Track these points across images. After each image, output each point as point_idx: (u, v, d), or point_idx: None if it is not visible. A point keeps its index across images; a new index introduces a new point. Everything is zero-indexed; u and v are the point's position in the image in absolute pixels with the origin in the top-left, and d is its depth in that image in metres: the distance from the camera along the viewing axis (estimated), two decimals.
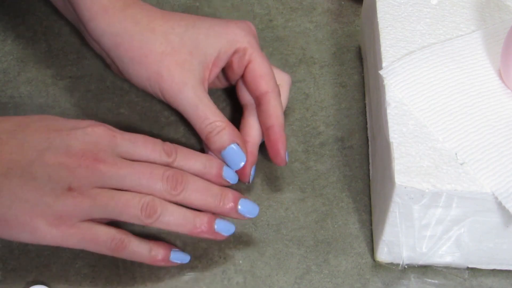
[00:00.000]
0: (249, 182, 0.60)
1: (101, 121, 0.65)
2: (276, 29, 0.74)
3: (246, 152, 0.59)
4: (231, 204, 0.56)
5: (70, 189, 0.52)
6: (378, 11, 0.63)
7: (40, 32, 0.72)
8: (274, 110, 0.60)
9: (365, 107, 0.68)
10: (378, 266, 0.59)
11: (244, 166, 0.59)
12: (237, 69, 0.61)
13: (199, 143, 0.65)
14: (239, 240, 0.60)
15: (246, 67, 0.61)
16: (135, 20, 0.61)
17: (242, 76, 0.62)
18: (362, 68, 0.71)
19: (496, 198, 0.52)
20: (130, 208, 0.53)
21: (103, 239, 0.53)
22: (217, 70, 0.62)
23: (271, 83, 0.60)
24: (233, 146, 0.58)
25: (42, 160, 0.51)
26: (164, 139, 0.65)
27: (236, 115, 0.66)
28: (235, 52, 0.61)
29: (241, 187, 0.62)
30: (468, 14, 0.63)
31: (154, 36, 0.60)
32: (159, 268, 0.58)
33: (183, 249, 0.58)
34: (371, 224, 0.61)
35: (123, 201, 0.52)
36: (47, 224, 0.51)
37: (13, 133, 0.53)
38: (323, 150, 0.65)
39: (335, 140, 0.66)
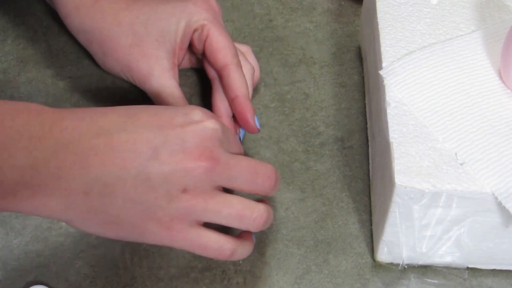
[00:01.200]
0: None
1: None
2: (276, 29, 0.74)
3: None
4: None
5: (185, 191, 0.48)
6: (378, 11, 0.63)
7: (40, 32, 0.72)
8: (235, 81, 0.61)
9: (365, 107, 0.68)
10: (378, 266, 0.59)
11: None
12: (197, 45, 0.63)
13: None
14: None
15: (204, 43, 0.62)
16: (103, 14, 0.63)
17: (203, 52, 0.63)
18: (362, 68, 0.71)
19: (496, 198, 0.52)
20: (243, 219, 0.51)
21: (213, 248, 0.50)
22: (183, 52, 0.64)
23: (229, 55, 0.61)
24: None
25: (158, 159, 0.47)
26: None
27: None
28: (194, 31, 0.63)
29: None
30: (468, 14, 0.63)
31: (120, 29, 0.63)
32: (159, 268, 0.58)
33: (182, 250, 0.58)
34: (371, 224, 0.61)
35: (236, 210, 0.50)
36: (158, 227, 0.48)
37: (122, 125, 0.48)
38: (323, 150, 0.65)
39: (335, 140, 0.66)
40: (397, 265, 0.58)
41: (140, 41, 0.62)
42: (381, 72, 0.59)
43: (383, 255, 0.58)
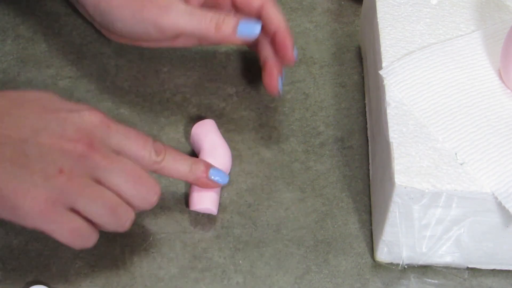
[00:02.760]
0: (279, 93, 0.63)
1: None
2: None
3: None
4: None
5: (61, 171, 0.50)
6: (378, 11, 0.63)
7: (40, 32, 0.72)
8: (274, 16, 0.62)
9: (365, 107, 0.68)
10: (378, 266, 0.59)
11: (272, 78, 0.63)
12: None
13: None
14: (239, 240, 0.60)
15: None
16: None
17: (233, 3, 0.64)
18: (362, 68, 0.71)
19: (496, 198, 0.52)
20: (115, 216, 0.52)
21: (83, 235, 0.52)
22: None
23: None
24: (242, 21, 0.60)
25: (36, 139, 0.50)
26: (164, 139, 0.65)
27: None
28: None
29: (241, 187, 0.62)
30: (468, 14, 0.63)
31: None
32: (159, 268, 0.58)
33: (182, 250, 0.59)
34: (371, 224, 0.61)
35: (110, 204, 0.52)
36: (31, 206, 0.50)
37: (8, 110, 0.52)
38: (323, 150, 0.65)
39: (335, 140, 0.66)
40: (397, 265, 0.58)
41: None
42: (381, 72, 0.59)
43: (383, 255, 0.58)
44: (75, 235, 0.52)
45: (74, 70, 0.69)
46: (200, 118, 0.65)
